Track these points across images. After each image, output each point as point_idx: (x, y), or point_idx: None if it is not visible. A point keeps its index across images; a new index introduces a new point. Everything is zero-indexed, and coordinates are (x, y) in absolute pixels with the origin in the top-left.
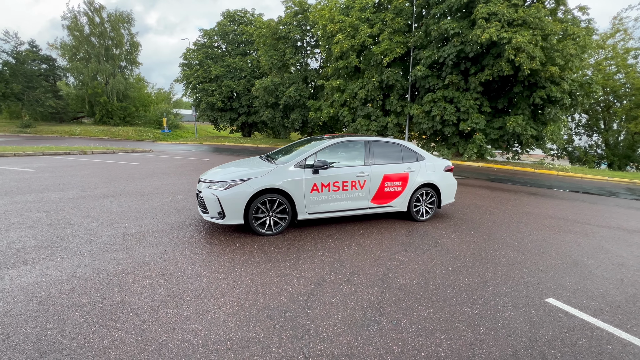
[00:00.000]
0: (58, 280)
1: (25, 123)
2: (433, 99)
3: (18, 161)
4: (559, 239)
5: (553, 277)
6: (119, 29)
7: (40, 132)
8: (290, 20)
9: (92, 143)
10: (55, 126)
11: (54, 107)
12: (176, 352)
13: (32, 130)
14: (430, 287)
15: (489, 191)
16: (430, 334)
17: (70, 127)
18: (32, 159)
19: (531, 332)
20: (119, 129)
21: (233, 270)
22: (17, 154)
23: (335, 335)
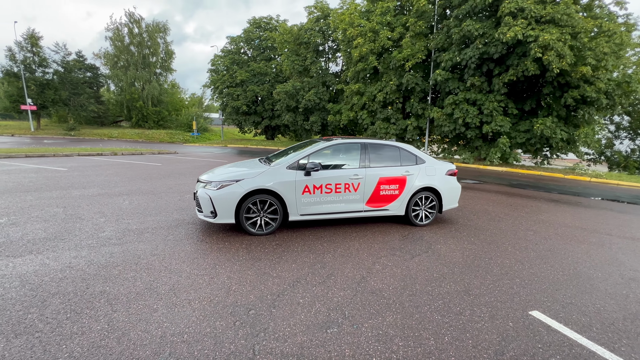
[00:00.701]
0: (53, 270)
1: (71, 126)
2: (455, 101)
3: (55, 161)
4: (568, 249)
5: (546, 289)
6: (156, 38)
7: (83, 135)
8: (312, 25)
9: (126, 145)
10: (97, 129)
11: (95, 112)
12: (134, 341)
13: (76, 133)
14: (406, 293)
15: (504, 197)
16: (389, 340)
17: (109, 130)
18: (67, 159)
19: (500, 345)
20: (153, 132)
21: (214, 267)
22: (56, 155)
23: (291, 335)
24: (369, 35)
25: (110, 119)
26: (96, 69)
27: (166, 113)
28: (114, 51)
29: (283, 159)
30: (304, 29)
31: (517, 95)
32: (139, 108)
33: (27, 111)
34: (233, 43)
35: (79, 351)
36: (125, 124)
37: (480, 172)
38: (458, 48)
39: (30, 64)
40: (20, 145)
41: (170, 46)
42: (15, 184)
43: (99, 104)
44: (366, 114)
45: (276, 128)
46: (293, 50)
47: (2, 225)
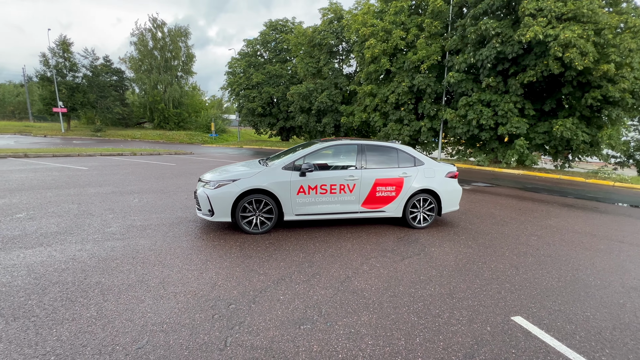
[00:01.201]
0: (58, 261)
1: (97, 127)
2: (468, 102)
3: (79, 160)
4: (570, 255)
5: (536, 296)
6: (177, 42)
7: (109, 136)
8: (325, 27)
9: (147, 145)
10: (121, 130)
11: (120, 114)
12: (117, 328)
13: (102, 134)
14: (387, 294)
15: (515, 201)
16: (359, 338)
17: (133, 131)
18: (90, 159)
19: (472, 348)
20: (173, 133)
21: (205, 263)
22: (80, 155)
23: (264, 330)
24: (381, 35)
25: (134, 120)
26: (122, 73)
27: (186, 115)
28: (138, 55)
29: (280, 159)
30: (317, 30)
31: (535, 96)
32: (161, 110)
33: (59, 113)
34: (250, 46)
35: (67, 335)
36: (148, 125)
37: (494, 175)
38: (473, 48)
39: (61, 68)
40: (50, 145)
41: (191, 50)
42: (39, 181)
43: (123, 106)
44: (379, 116)
45: (291, 129)
46: (307, 52)
47: (20, 220)
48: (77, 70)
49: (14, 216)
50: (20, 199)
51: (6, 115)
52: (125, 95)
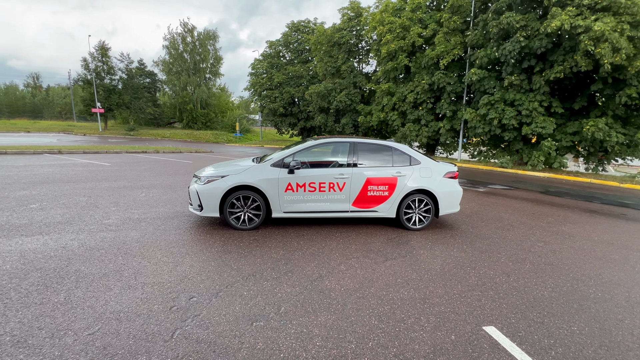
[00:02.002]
0: (50, 249)
1: (131, 127)
2: (490, 101)
3: (105, 157)
4: (575, 264)
5: (520, 305)
6: (206, 46)
7: (141, 135)
8: (345, 25)
9: (175, 144)
10: (152, 130)
11: (152, 114)
12: (77, 314)
13: (135, 133)
14: (355, 295)
15: (530, 204)
16: (309, 339)
17: (163, 131)
18: (115, 156)
19: (427, 357)
20: (200, 133)
21: (183, 256)
22: (108, 152)
23: (215, 324)
24: (398, 32)
25: (165, 120)
26: (154, 75)
27: (213, 115)
28: (169, 59)
29: (272, 156)
30: (336, 28)
31: (565, 93)
32: (189, 110)
33: (97, 114)
34: (272, 47)
35: (29, 318)
36: (177, 125)
37: (516, 178)
38: (497, 43)
39: (100, 72)
40: (87, 143)
41: (218, 52)
42: (63, 175)
43: (155, 107)
44: (396, 115)
45: (311, 129)
46: (326, 51)
47: (32, 210)
48: (113, 73)
49: (28, 206)
50: (39, 191)
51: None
52: (157, 97)
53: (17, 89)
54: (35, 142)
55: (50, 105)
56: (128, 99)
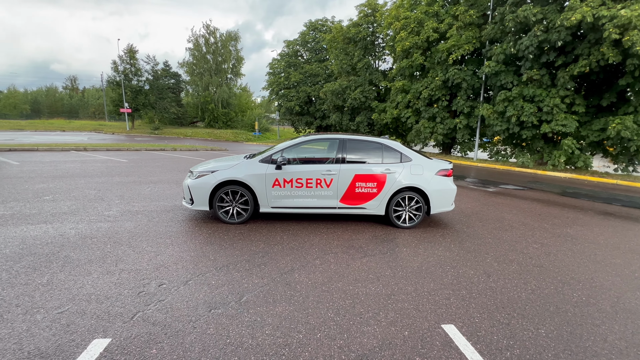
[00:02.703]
0: (49, 236)
1: (155, 126)
2: (508, 97)
3: (124, 154)
4: (569, 267)
5: (490, 306)
6: (228, 47)
7: (165, 133)
8: (361, 21)
9: (194, 142)
10: (176, 129)
11: (175, 114)
12: (53, 295)
13: (159, 131)
14: (320, 289)
15: (540, 205)
16: (260, 328)
17: (185, 130)
18: (134, 153)
19: (372, 351)
20: (220, 131)
21: (167, 246)
22: (128, 149)
23: (176, 309)
24: (413, 26)
25: (188, 119)
26: (178, 76)
27: (233, 114)
28: (192, 60)
29: (263, 152)
30: (353, 24)
31: (592, 89)
32: (211, 110)
33: (125, 113)
34: (289, 46)
35: (11, 296)
36: (200, 124)
37: (534, 178)
38: (514, 38)
39: (128, 73)
40: (115, 141)
41: (240, 53)
42: (81, 170)
43: (179, 107)
44: (410, 112)
45: (327, 128)
46: (342, 49)
47: (44, 201)
48: (140, 74)
49: (42, 198)
50: (56, 185)
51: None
52: (180, 97)
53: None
54: (66, 140)
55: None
56: (153, 99)
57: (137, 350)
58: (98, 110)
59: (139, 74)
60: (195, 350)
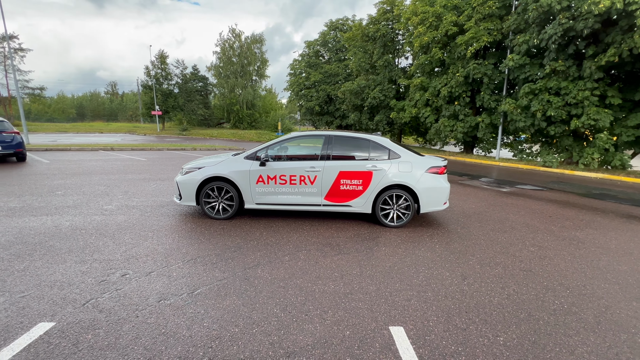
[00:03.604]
0: (44, 227)
1: (183, 127)
2: (532, 90)
3: (146, 154)
4: (561, 273)
5: (452, 310)
6: (253, 49)
7: (192, 134)
8: (380, 17)
9: (219, 143)
10: (203, 130)
11: (202, 115)
12: (23, 280)
13: (187, 132)
14: (277, 285)
15: (554, 207)
16: (199, 320)
17: (211, 131)
18: (155, 152)
19: (301, 348)
20: (244, 132)
21: (147, 239)
22: (151, 149)
23: (128, 298)
24: (431, 21)
25: (215, 121)
26: (206, 79)
27: (258, 115)
28: (219, 63)
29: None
30: (372, 20)
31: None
32: (236, 111)
33: (156, 115)
34: (310, 47)
35: None
36: (226, 125)
37: (560, 178)
38: (537, 28)
39: (159, 78)
40: (144, 141)
41: (264, 55)
42: (101, 168)
43: (206, 109)
44: (429, 111)
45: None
46: (360, 47)
47: (56, 195)
48: (170, 78)
49: (54, 193)
50: (72, 181)
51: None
52: (208, 99)
53: (99, 96)
54: (100, 141)
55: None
56: (182, 101)
57: (74, 335)
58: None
59: (169, 78)
60: (127, 337)
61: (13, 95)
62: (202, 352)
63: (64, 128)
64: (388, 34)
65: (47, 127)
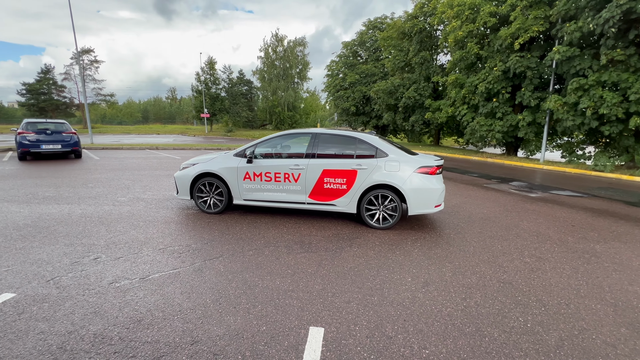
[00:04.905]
0: (60, 214)
1: (229, 129)
2: (582, 85)
3: (183, 153)
4: (546, 290)
5: (390, 317)
6: (295, 52)
7: (236, 135)
8: (417, 13)
9: None
10: (246, 131)
11: (246, 117)
12: (13, 257)
13: (232, 134)
14: (225, 277)
15: (585, 216)
16: (132, 304)
17: (254, 132)
18: (193, 152)
19: (210, 338)
20: None
21: (135, 228)
22: (191, 149)
23: (85, 278)
24: (467, 14)
25: (258, 122)
26: (250, 83)
27: (298, 117)
28: (263, 67)
29: None
30: (408, 17)
31: None
32: (278, 113)
33: (204, 118)
34: (347, 47)
35: None
36: (269, 126)
37: (610, 184)
38: (592, 13)
39: (207, 83)
40: (192, 142)
41: (306, 58)
42: (137, 165)
43: (250, 111)
44: (466, 109)
45: (383, 128)
46: (395, 45)
47: (86, 188)
48: (218, 83)
49: (86, 185)
50: (106, 175)
51: (182, 120)
52: (252, 102)
53: (161, 101)
54: (153, 141)
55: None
56: (228, 104)
57: (24, 306)
58: (189, 116)
59: (217, 83)
60: (63, 312)
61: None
62: (117, 331)
63: (128, 130)
64: (425, 29)
65: (114, 129)
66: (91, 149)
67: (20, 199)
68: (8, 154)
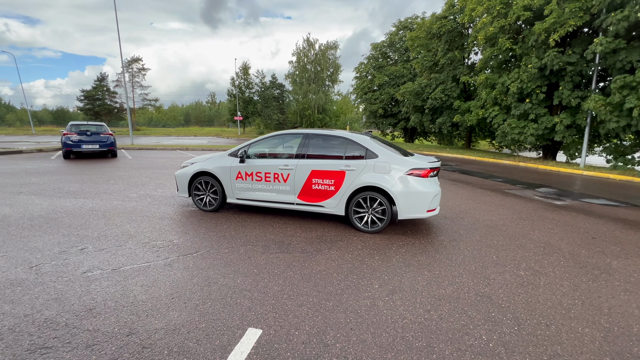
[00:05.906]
0: (73, 207)
1: (260, 131)
2: (628, 82)
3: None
4: (530, 307)
5: (337, 324)
6: (327, 56)
7: None
8: (446, 12)
9: None
10: None
11: (278, 120)
12: (14, 244)
13: None
14: (190, 273)
15: (612, 227)
16: (97, 293)
17: None
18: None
19: (147, 332)
20: None
21: (131, 222)
22: (218, 149)
23: (63, 267)
24: (498, 9)
25: (289, 125)
26: (282, 86)
27: (328, 119)
28: (295, 71)
29: None
30: (436, 17)
31: None
32: (308, 116)
33: (238, 121)
34: (376, 49)
35: None
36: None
37: None
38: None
39: (241, 87)
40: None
41: (337, 61)
42: (161, 164)
43: (281, 114)
44: (497, 110)
45: (412, 130)
46: (424, 45)
47: (107, 184)
48: (252, 87)
49: (108, 182)
50: (130, 173)
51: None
52: (283, 105)
53: (201, 105)
54: (188, 142)
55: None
56: (260, 108)
57: (5, 287)
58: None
59: (250, 87)
60: (29, 297)
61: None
62: (66, 317)
63: (169, 132)
64: (454, 29)
65: (157, 131)
66: (129, 149)
67: (47, 193)
68: (57, 153)
